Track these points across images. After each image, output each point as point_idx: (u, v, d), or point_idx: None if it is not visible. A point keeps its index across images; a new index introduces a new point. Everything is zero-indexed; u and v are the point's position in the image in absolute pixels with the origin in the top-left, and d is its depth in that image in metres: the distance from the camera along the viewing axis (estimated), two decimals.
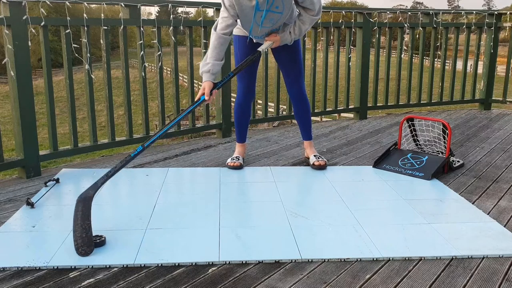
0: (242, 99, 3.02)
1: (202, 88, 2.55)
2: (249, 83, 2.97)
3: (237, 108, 3.07)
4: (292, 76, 2.91)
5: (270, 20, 2.57)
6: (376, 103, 4.83)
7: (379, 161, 3.07)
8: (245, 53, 2.85)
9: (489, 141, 3.77)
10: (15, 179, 2.87)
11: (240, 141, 3.14)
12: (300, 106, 3.03)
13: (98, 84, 6.10)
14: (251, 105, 3.14)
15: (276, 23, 2.62)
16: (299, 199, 2.54)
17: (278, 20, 2.60)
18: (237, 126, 3.11)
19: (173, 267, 1.79)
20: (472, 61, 5.15)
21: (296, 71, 2.91)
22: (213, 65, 2.57)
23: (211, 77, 2.56)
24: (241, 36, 2.86)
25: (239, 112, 3.07)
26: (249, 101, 3.05)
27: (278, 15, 2.56)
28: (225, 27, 2.59)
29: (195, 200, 2.46)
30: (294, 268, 1.79)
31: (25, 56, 2.76)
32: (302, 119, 3.08)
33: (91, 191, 1.99)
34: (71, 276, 1.72)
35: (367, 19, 4.46)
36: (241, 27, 2.78)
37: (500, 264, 1.83)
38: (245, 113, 3.08)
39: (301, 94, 3.00)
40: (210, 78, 2.55)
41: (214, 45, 2.61)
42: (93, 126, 3.23)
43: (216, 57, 2.59)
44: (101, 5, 3.14)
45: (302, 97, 3.01)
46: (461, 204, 2.44)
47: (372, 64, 4.64)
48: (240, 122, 3.09)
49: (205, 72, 2.58)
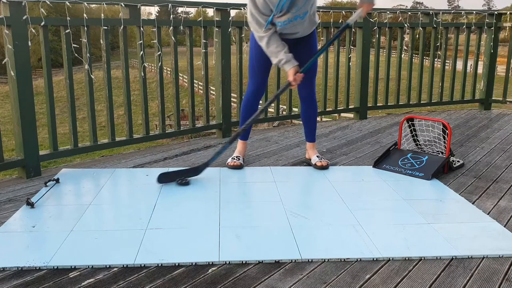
0: (252, 96, 3.01)
1: (289, 75, 2.69)
2: (262, 80, 2.98)
3: (245, 104, 3.04)
4: (306, 77, 2.91)
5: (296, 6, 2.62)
6: (376, 103, 4.83)
7: (379, 161, 3.07)
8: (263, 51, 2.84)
9: (489, 141, 3.77)
10: (15, 179, 2.87)
11: (242, 139, 3.13)
12: (309, 108, 3.05)
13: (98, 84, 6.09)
14: (259, 103, 3.14)
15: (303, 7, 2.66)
16: (299, 199, 2.54)
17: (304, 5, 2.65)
18: (243, 122, 3.07)
19: (173, 267, 1.79)
20: (472, 61, 5.15)
21: (311, 73, 2.91)
22: (285, 53, 2.68)
23: (294, 62, 2.68)
24: None
25: (247, 109, 3.04)
26: (258, 99, 3.05)
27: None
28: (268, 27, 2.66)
29: (195, 200, 2.46)
30: (294, 268, 1.79)
31: (25, 56, 2.76)
32: (309, 121, 3.09)
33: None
34: (71, 276, 1.72)
35: (367, 19, 4.46)
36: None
37: (500, 264, 1.83)
38: (253, 109, 3.03)
39: (312, 96, 3.02)
40: (293, 63, 2.68)
41: (272, 41, 2.67)
42: (93, 126, 3.23)
43: (281, 47, 2.69)
44: (101, 5, 3.14)
45: (313, 99, 3.02)
46: (461, 204, 2.44)
47: (372, 64, 4.64)
48: (247, 118, 3.03)
49: (286, 62, 2.67)
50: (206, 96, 3.81)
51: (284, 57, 2.68)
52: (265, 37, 2.68)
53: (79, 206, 2.35)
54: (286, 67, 2.69)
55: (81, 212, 2.26)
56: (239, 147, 3.14)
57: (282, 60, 2.68)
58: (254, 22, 2.67)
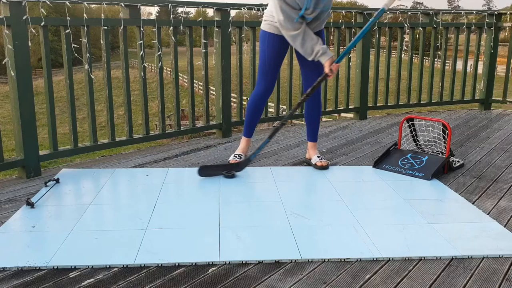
0: (261, 97, 3.01)
1: (325, 66, 2.70)
2: (273, 82, 2.99)
3: (253, 102, 3.04)
4: (315, 79, 2.92)
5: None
6: (376, 103, 4.83)
7: (379, 161, 3.07)
8: (277, 51, 2.88)
9: (489, 141, 3.77)
10: (15, 179, 2.87)
11: (247, 135, 3.14)
12: (314, 108, 3.06)
13: (98, 84, 6.09)
14: (266, 102, 3.15)
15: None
16: (299, 199, 2.54)
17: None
18: (248, 120, 3.10)
19: (173, 267, 1.79)
20: (472, 61, 5.15)
21: (318, 74, 2.92)
22: (321, 45, 2.70)
23: (329, 53, 2.71)
24: (275, 34, 2.85)
25: (254, 107, 3.05)
26: (266, 99, 3.07)
27: None
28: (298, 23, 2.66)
29: (195, 200, 2.46)
30: (294, 268, 1.79)
31: (25, 56, 2.76)
32: (312, 122, 3.10)
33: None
34: (71, 276, 1.72)
35: (367, 19, 4.45)
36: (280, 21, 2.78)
37: (500, 264, 1.83)
38: (260, 109, 3.07)
39: (319, 98, 3.03)
40: (329, 54, 2.71)
41: (306, 36, 2.68)
42: (93, 126, 3.23)
43: (315, 40, 2.70)
44: (101, 5, 3.14)
45: (319, 101, 3.04)
46: (461, 204, 2.44)
47: (372, 64, 4.64)
48: (252, 116, 3.08)
49: (322, 54, 2.69)
50: (206, 96, 3.81)
51: (321, 49, 2.69)
52: (300, 33, 2.66)
53: (79, 206, 2.35)
54: (323, 58, 2.70)
55: (81, 212, 2.26)
56: (242, 144, 3.15)
57: (319, 52, 2.69)
58: (286, 19, 2.63)
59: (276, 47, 2.87)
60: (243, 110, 4.12)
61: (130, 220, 2.18)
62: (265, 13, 2.89)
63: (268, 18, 2.84)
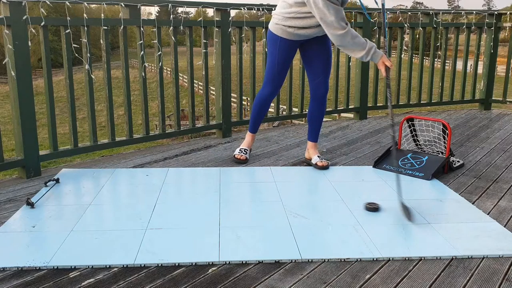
0: (266, 97, 3.06)
1: (385, 60, 2.65)
2: (279, 83, 3.03)
3: (259, 103, 3.12)
4: (321, 77, 2.93)
5: None
6: (376, 103, 4.83)
7: (379, 161, 3.07)
8: (287, 56, 2.90)
9: (489, 141, 3.77)
10: (15, 179, 2.87)
11: (252, 131, 3.22)
12: (319, 108, 3.07)
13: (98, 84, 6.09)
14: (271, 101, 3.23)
15: None
16: (299, 199, 2.54)
17: None
18: (254, 117, 3.18)
19: (173, 267, 1.79)
20: (472, 61, 5.15)
21: (326, 73, 2.96)
22: (371, 42, 2.68)
23: (381, 50, 2.71)
24: (286, 39, 2.84)
25: (260, 107, 3.13)
26: (272, 99, 3.13)
27: None
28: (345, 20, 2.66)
29: (195, 200, 2.46)
30: (294, 268, 1.79)
31: (25, 56, 2.76)
32: (316, 121, 3.11)
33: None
34: (71, 276, 1.72)
35: (367, 19, 4.46)
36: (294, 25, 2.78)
37: (500, 264, 1.83)
38: (265, 108, 3.17)
39: (324, 97, 3.04)
40: (381, 51, 2.69)
41: (354, 33, 2.65)
42: (93, 126, 3.23)
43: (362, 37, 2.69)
44: (101, 5, 3.14)
45: (324, 100, 3.05)
46: (461, 204, 2.44)
47: (372, 64, 4.63)
48: (258, 114, 3.17)
49: (376, 50, 2.67)
50: (206, 96, 3.81)
51: (374, 45, 2.67)
52: (349, 31, 2.62)
53: (79, 206, 2.35)
54: (378, 55, 2.67)
55: (81, 212, 2.26)
56: (247, 138, 3.24)
57: (373, 48, 2.66)
58: (337, 18, 2.58)
59: (287, 52, 2.89)
60: (243, 110, 4.12)
61: (130, 220, 2.18)
62: (275, 15, 2.85)
63: (280, 21, 2.81)
